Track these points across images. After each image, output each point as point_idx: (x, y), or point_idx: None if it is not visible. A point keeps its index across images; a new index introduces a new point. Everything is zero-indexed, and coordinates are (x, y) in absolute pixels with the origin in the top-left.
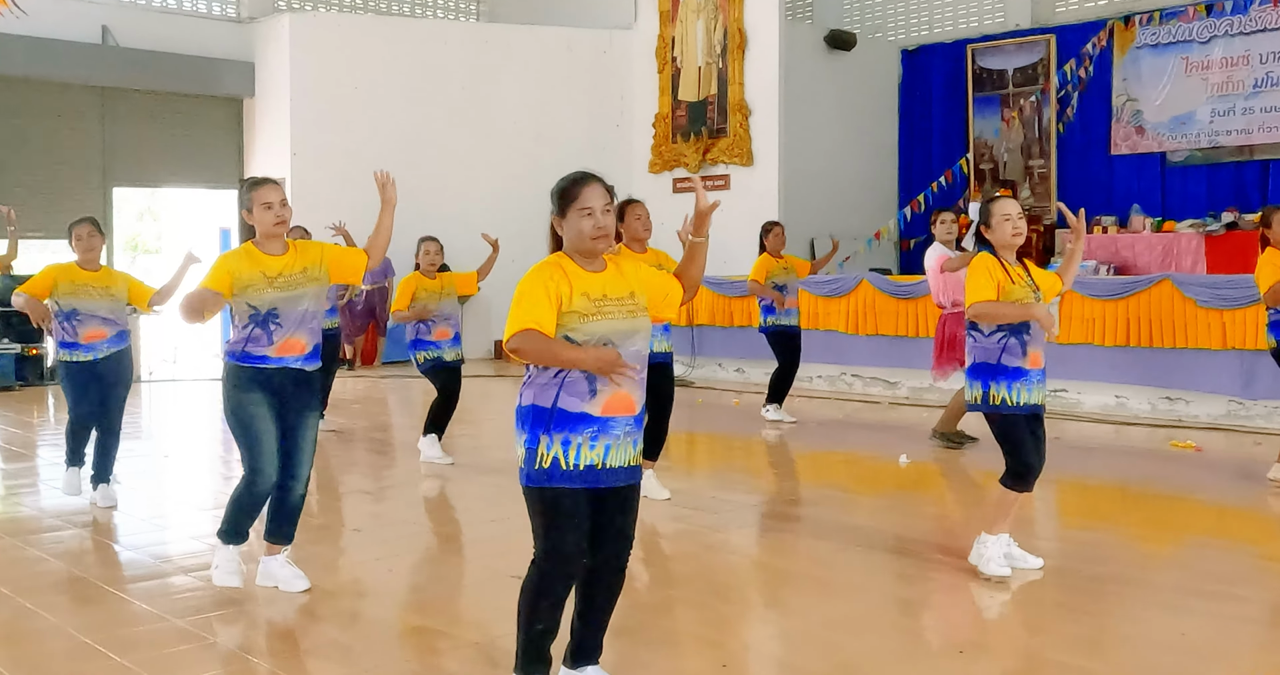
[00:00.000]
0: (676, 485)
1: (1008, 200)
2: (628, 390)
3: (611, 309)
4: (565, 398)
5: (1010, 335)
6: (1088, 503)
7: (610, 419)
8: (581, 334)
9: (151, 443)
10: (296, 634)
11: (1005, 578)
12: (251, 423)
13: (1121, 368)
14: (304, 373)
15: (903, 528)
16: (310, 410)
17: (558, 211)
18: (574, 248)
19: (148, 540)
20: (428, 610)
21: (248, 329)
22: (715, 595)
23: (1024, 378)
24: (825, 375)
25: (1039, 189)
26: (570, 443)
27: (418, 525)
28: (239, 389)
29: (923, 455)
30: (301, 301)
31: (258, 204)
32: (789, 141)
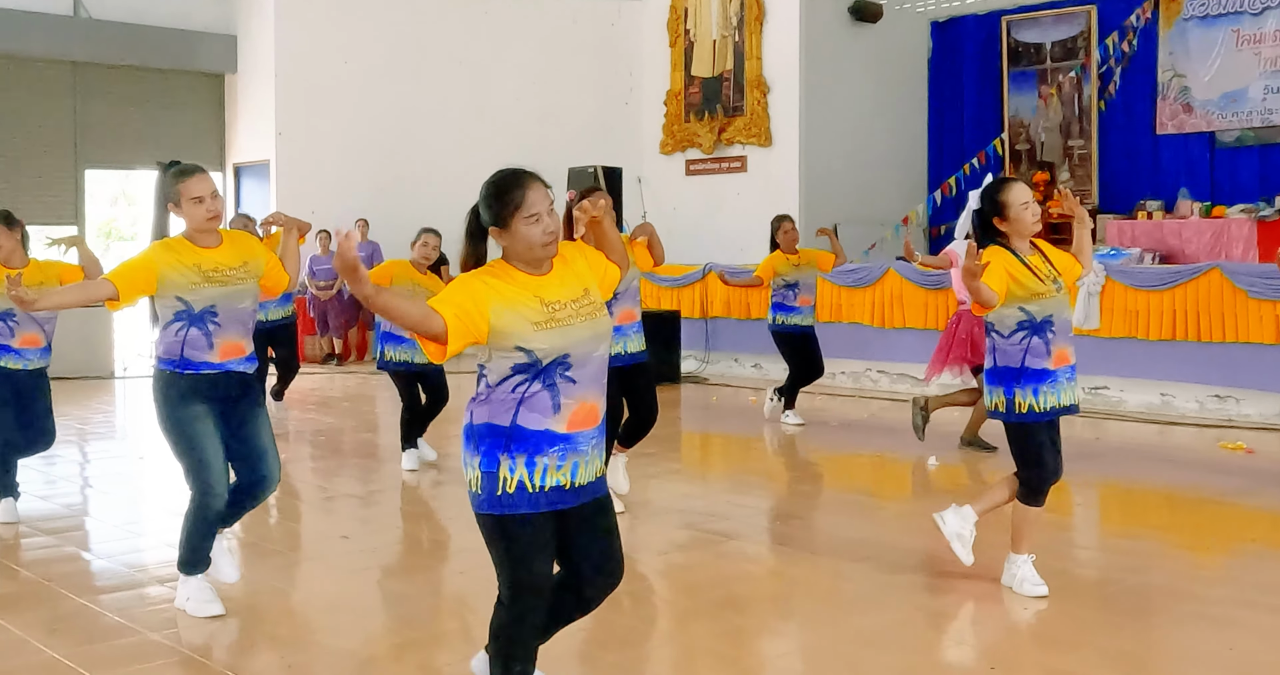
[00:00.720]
0: (689, 489)
1: (1020, 185)
2: (593, 400)
3: (567, 314)
4: (526, 414)
5: (1032, 333)
6: (1130, 509)
7: (577, 435)
8: (539, 344)
9: (125, 443)
10: (280, 649)
11: (1043, 595)
12: (196, 439)
13: (1167, 363)
14: (247, 376)
15: (931, 536)
16: (258, 406)
17: (494, 222)
18: (520, 257)
19: (121, 548)
20: (418, 625)
21: (180, 331)
22: (729, 607)
23: (1051, 379)
24: (849, 371)
25: (1079, 171)
26: (536, 464)
27: (408, 533)
28: (177, 403)
29: (953, 458)
30: (241, 298)
31: (187, 198)
32: (810, 121)
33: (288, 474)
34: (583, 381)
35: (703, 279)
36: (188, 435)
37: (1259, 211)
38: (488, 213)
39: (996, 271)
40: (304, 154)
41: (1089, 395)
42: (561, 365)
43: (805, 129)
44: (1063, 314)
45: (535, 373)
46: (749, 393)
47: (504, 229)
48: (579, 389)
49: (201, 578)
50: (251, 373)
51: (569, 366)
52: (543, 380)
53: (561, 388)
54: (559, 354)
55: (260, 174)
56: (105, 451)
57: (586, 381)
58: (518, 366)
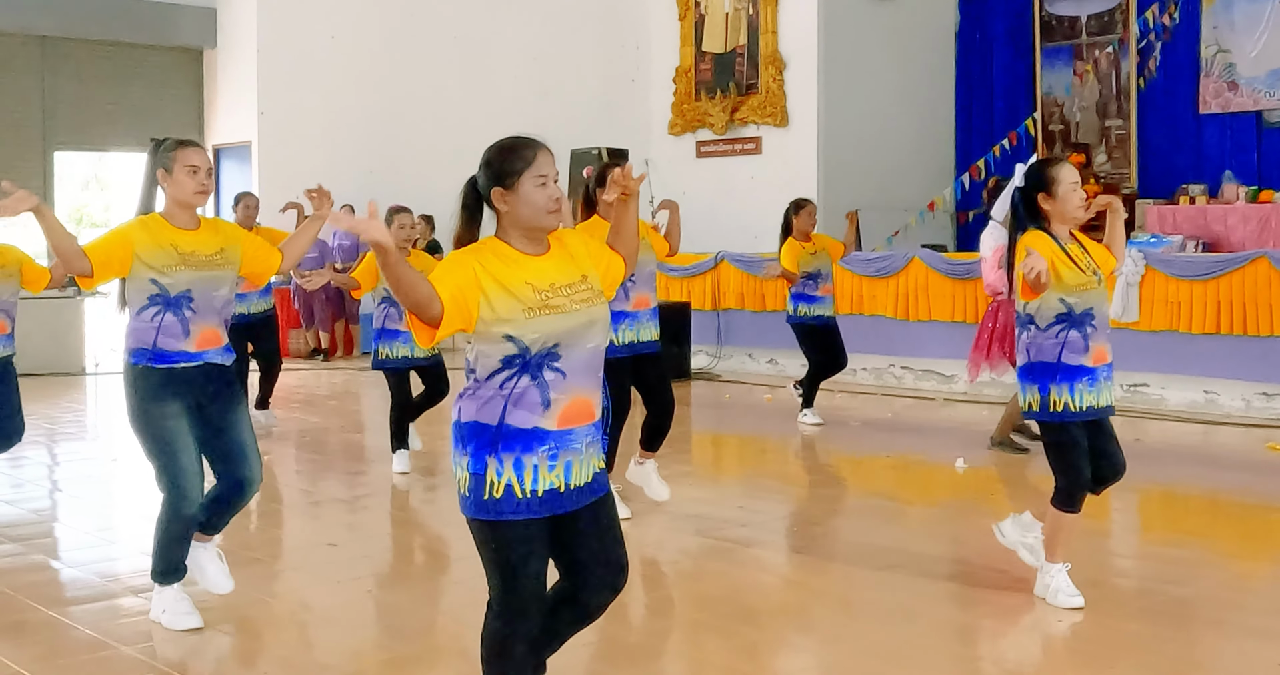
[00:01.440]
0: (700, 493)
1: (1071, 165)
2: (586, 395)
3: (561, 300)
4: (514, 412)
5: (1070, 327)
6: (1172, 515)
7: (569, 432)
8: (529, 332)
9: (97, 444)
10: (263, 664)
11: (1079, 607)
12: (169, 438)
13: (1211, 359)
14: (226, 367)
15: (959, 543)
16: (237, 401)
17: (499, 181)
18: (521, 224)
19: (93, 556)
20: (411, 637)
21: (155, 317)
22: (744, 620)
23: (1089, 376)
24: (871, 367)
25: (1116, 153)
26: (524, 465)
27: (399, 539)
28: (149, 399)
29: (982, 460)
30: (219, 285)
31: (181, 165)
32: (829, 99)
33: (270, 477)
34: (574, 374)
35: (714, 268)
36: (159, 434)
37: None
38: (490, 174)
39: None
40: (288, 135)
41: (1127, 393)
42: (550, 356)
43: (824, 108)
44: (1102, 308)
45: (523, 365)
46: (764, 390)
47: (508, 190)
48: (570, 382)
49: (178, 587)
50: (230, 365)
51: (557, 357)
52: (531, 375)
53: (551, 382)
54: (549, 343)
55: (241, 156)
56: (76, 453)
57: (578, 374)
58: (506, 358)
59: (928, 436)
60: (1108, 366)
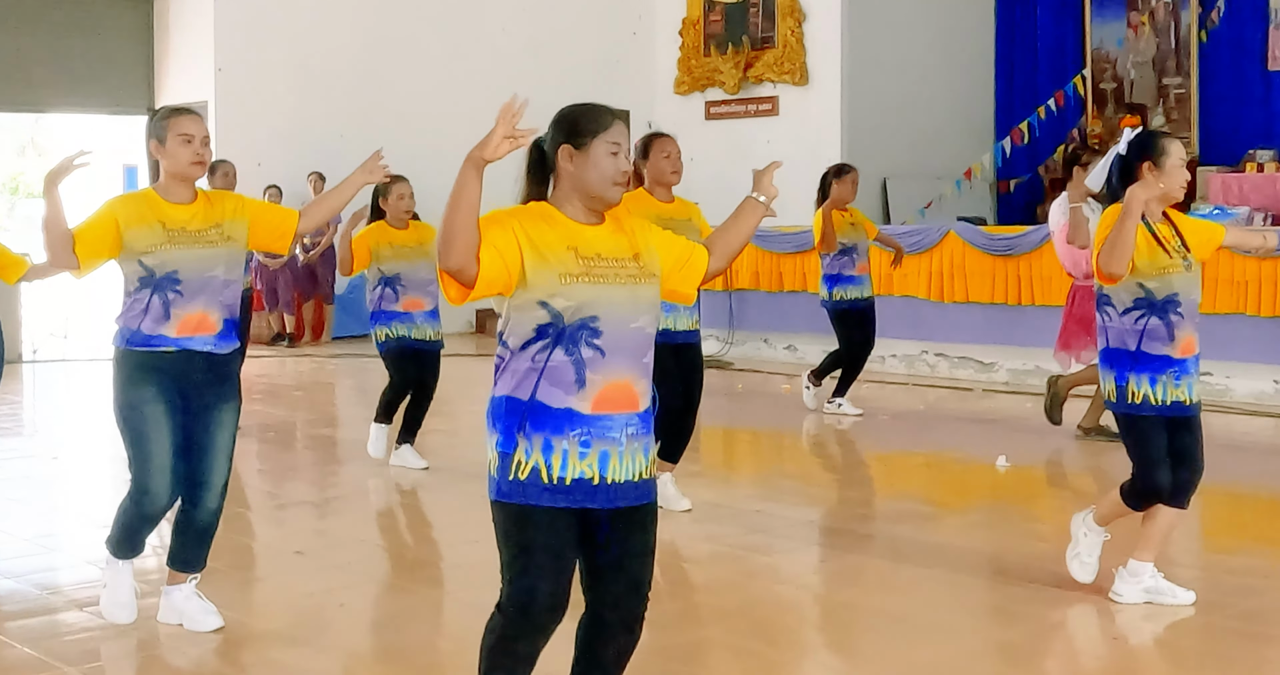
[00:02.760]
0: (711, 495)
1: (1180, 142)
2: (628, 379)
3: (605, 271)
4: (545, 388)
5: (1151, 313)
6: (1240, 518)
7: (604, 418)
8: (563, 299)
9: (37, 440)
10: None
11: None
12: (144, 429)
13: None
14: (216, 357)
15: (1002, 550)
16: (226, 403)
17: (571, 140)
18: (584, 191)
19: (32, 566)
20: (389, 657)
21: (141, 299)
22: (760, 636)
23: (1175, 369)
24: (901, 354)
25: (1176, 115)
26: (553, 448)
27: (376, 547)
28: (130, 384)
29: (1026, 457)
30: (212, 265)
31: (174, 134)
32: (854, 55)
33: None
34: (613, 354)
35: None
36: (135, 423)
37: None
38: (562, 130)
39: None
40: (249, 94)
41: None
42: (588, 331)
43: (848, 64)
44: (1191, 295)
45: (557, 335)
46: (781, 379)
47: (579, 150)
48: (608, 362)
49: (127, 569)
50: (225, 354)
51: (597, 333)
52: (565, 348)
53: (587, 359)
54: (585, 314)
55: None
56: (13, 450)
57: (619, 354)
58: (540, 328)
59: (965, 431)
60: (1195, 359)
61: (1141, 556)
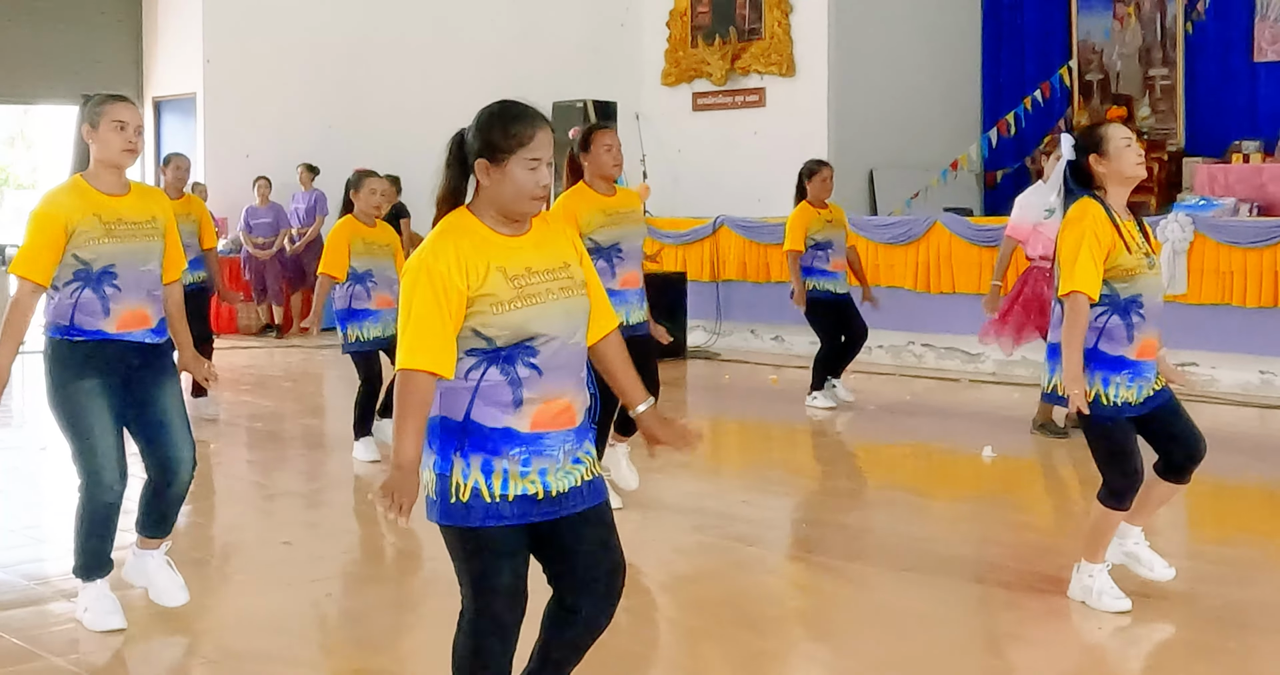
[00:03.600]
0: (698, 486)
1: (1119, 124)
2: (566, 397)
3: (536, 288)
4: (480, 407)
5: (1113, 312)
6: (1225, 510)
7: (543, 436)
8: (496, 328)
9: (23, 432)
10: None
11: (1126, 611)
12: (83, 416)
13: (1267, 335)
14: (153, 346)
15: (987, 541)
16: (168, 379)
17: (488, 152)
18: (500, 205)
19: (19, 557)
20: (375, 648)
21: (74, 292)
22: (747, 627)
23: (1130, 370)
24: (888, 345)
25: (1162, 106)
26: (493, 468)
27: (362, 537)
28: (66, 371)
29: (1013, 447)
30: (147, 258)
31: (108, 120)
32: (841, 46)
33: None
34: (551, 372)
35: (713, 234)
36: (75, 412)
37: None
38: (480, 140)
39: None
40: (237, 86)
41: None
42: (525, 351)
43: (835, 56)
44: (1154, 296)
45: (493, 357)
46: (768, 370)
47: (495, 165)
48: (546, 381)
49: (103, 584)
50: (161, 343)
51: (534, 352)
52: (501, 368)
53: (524, 379)
54: (521, 337)
55: (185, 110)
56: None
57: (556, 372)
58: (472, 350)
59: (951, 422)
60: (1151, 364)
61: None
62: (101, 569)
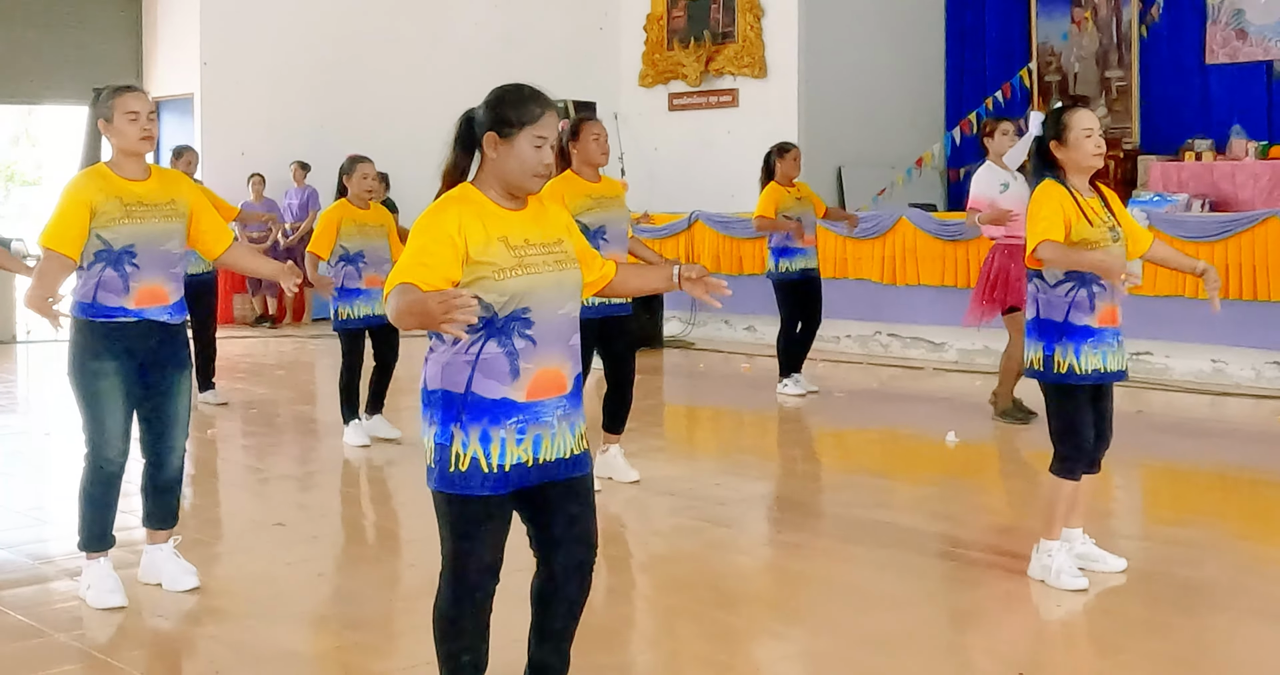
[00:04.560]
0: (674, 470)
1: (1088, 111)
2: (557, 365)
3: (535, 260)
4: (480, 380)
5: (1080, 286)
6: (1178, 493)
7: (538, 404)
8: (497, 294)
9: (29, 417)
10: (204, 653)
11: (1083, 589)
12: (100, 396)
13: (1219, 325)
14: (169, 327)
15: (951, 523)
16: (180, 368)
17: (498, 129)
18: (504, 179)
19: (24, 537)
20: (364, 626)
21: (97, 271)
22: (721, 605)
23: (1095, 338)
24: (855, 334)
25: (1117, 106)
26: (491, 438)
27: (353, 519)
28: (87, 354)
29: (975, 433)
30: (165, 239)
31: (121, 112)
32: (810, 48)
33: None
34: (545, 342)
35: (689, 229)
36: (90, 390)
37: None
38: (491, 115)
39: (1050, 214)
40: (233, 87)
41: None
42: (519, 322)
43: (805, 58)
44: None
45: (491, 329)
46: (741, 359)
47: (504, 140)
48: (540, 351)
49: (106, 563)
50: (179, 324)
51: (529, 324)
52: (499, 340)
53: (520, 349)
54: (517, 306)
55: (183, 109)
56: (6, 427)
57: (550, 342)
58: None
59: (916, 408)
60: (1116, 331)
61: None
62: (104, 542)
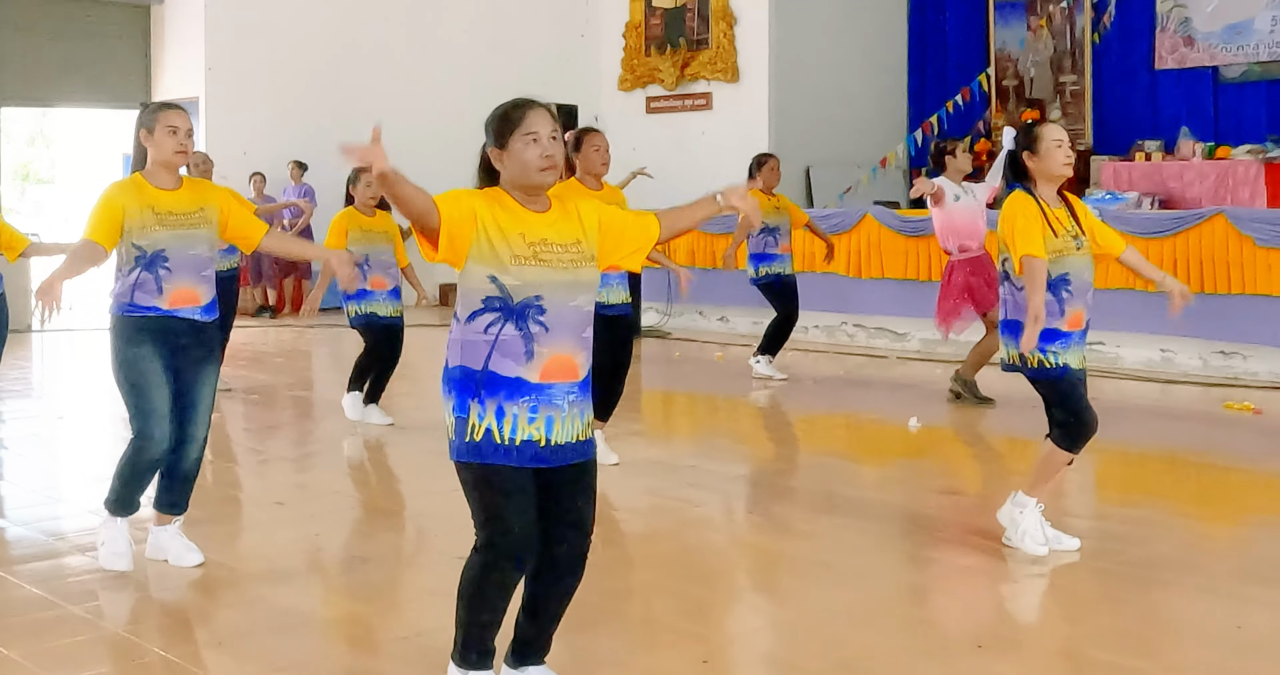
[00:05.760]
0: (651, 452)
1: (1056, 125)
2: (569, 352)
3: (550, 256)
4: (498, 359)
5: (1046, 290)
6: (1129, 474)
7: (549, 386)
8: (511, 278)
9: (43, 402)
10: (210, 624)
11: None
12: (143, 382)
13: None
14: (201, 324)
15: (913, 503)
16: (209, 364)
17: (495, 142)
18: (516, 182)
19: (39, 515)
20: (358, 595)
21: (133, 274)
22: (695, 580)
23: (1062, 339)
24: (823, 325)
25: (1071, 109)
26: (505, 413)
27: (349, 497)
28: (128, 343)
29: (936, 418)
30: (194, 244)
31: (162, 126)
32: (780, 54)
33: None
34: (557, 329)
35: None
36: (134, 378)
37: (1266, 152)
38: (489, 134)
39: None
40: (235, 90)
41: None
42: (534, 309)
43: (775, 63)
44: (1082, 275)
45: (506, 310)
46: (714, 348)
47: (503, 150)
48: (553, 337)
49: (124, 525)
50: (210, 323)
51: (542, 311)
52: (515, 323)
53: (534, 333)
54: (531, 293)
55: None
56: (21, 411)
57: (562, 330)
58: (489, 301)
59: (881, 395)
60: (1081, 333)
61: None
62: (129, 509)
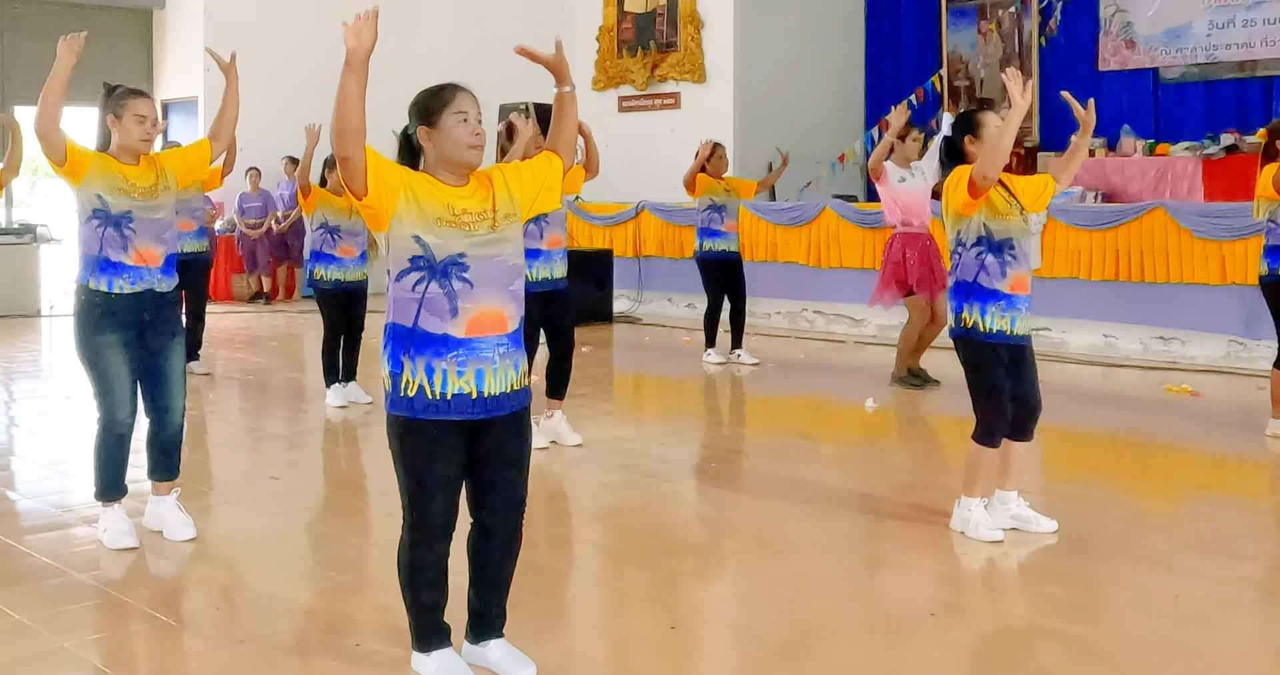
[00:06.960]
0: (623, 431)
1: (993, 113)
2: (497, 306)
3: (470, 221)
4: (425, 316)
5: (989, 251)
6: (1073, 453)
7: (477, 340)
8: (434, 238)
9: (52, 382)
10: (207, 591)
11: (998, 541)
12: (104, 367)
13: (1110, 304)
14: (162, 295)
15: (869, 480)
16: (173, 335)
17: (424, 120)
18: (445, 159)
19: (48, 488)
20: (348, 568)
21: (99, 228)
22: (663, 552)
23: (1003, 301)
24: (784, 311)
25: None
26: (434, 369)
27: (336, 473)
28: (93, 330)
29: (891, 400)
30: (155, 210)
31: (130, 114)
32: (745, 56)
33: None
34: (481, 285)
35: (635, 217)
36: (98, 362)
37: (1204, 149)
38: (415, 113)
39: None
40: None
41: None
42: (456, 266)
43: (740, 65)
44: (1024, 242)
45: (430, 269)
46: (683, 333)
47: (432, 127)
48: (477, 292)
49: (119, 509)
50: (169, 293)
51: (465, 268)
52: (439, 282)
53: (458, 290)
54: (453, 252)
55: (189, 110)
56: (31, 391)
57: (486, 285)
58: (414, 259)
59: (839, 377)
60: (1025, 298)
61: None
62: (117, 491)
